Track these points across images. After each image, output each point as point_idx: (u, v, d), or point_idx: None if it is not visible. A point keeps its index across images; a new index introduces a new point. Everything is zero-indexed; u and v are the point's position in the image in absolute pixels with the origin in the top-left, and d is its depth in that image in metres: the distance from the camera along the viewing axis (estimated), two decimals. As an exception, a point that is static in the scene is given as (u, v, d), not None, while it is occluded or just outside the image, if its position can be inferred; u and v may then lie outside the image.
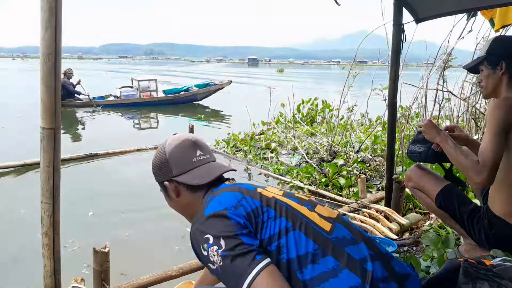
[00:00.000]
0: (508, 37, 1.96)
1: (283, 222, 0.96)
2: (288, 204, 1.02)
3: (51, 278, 1.35)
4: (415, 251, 2.18)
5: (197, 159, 1.11)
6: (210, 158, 1.14)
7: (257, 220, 0.95)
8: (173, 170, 1.10)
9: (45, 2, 1.14)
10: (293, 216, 0.98)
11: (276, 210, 0.98)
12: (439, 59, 3.98)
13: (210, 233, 0.91)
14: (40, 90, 1.20)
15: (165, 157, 1.11)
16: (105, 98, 10.86)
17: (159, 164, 1.12)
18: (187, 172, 1.09)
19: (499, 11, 2.59)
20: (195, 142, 1.13)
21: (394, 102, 2.53)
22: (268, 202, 1.00)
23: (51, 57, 1.17)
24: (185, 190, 1.10)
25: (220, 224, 0.92)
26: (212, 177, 1.07)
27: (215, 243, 0.89)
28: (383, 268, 0.95)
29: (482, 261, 1.16)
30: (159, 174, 1.13)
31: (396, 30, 2.37)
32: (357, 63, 5.40)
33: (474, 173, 1.47)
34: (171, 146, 1.12)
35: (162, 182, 1.13)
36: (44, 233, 1.30)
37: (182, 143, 1.12)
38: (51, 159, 1.25)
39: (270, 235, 0.94)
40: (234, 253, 0.87)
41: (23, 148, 5.14)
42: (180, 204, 1.13)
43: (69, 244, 2.61)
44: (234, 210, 0.94)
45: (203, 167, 1.11)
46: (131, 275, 1.99)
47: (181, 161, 1.10)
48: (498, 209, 1.60)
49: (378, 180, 3.83)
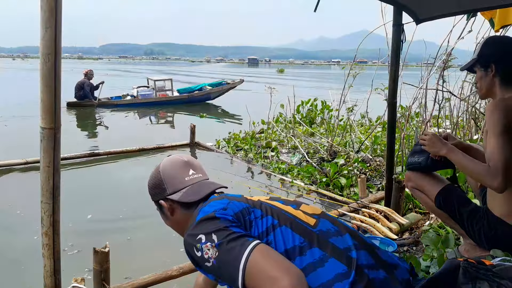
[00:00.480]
0: (499, 38, 1.94)
1: (269, 220, 1.02)
2: (273, 205, 1.08)
3: (51, 278, 1.35)
4: (415, 251, 2.18)
5: (189, 178, 1.17)
6: (202, 177, 1.21)
7: (245, 219, 1.01)
8: (167, 189, 1.16)
9: (45, 2, 1.14)
10: (279, 214, 1.05)
11: (262, 210, 1.05)
12: (439, 59, 3.98)
13: (201, 233, 0.96)
14: (40, 90, 1.20)
15: (160, 177, 1.18)
16: (122, 98, 11.10)
17: (154, 184, 1.19)
18: (180, 190, 1.15)
19: (499, 11, 2.59)
20: (188, 162, 1.20)
21: (394, 102, 2.53)
22: (254, 204, 1.07)
23: (51, 57, 1.17)
24: (179, 208, 1.16)
25: (210, 224, 0.97)
26: (204, 194, 1.13)
27: (208, 239, 0.94)
28: (369, 256, 1.00)
29: (482, 261, 1.16)
30: (154, 193, 1.20)
31: (396, 30, 2.37)
32: (357, 63, 5.40)
33: (489, 179, 1.46)
34: (165, 166, 1.19)
35: (157, 201, 1.19)
36: (44, 233, 1.30)
37: (175, 164, 1.19)
38: (51, 159, 1.25)
39: (258, 233, 0.99)
40: (227, 239, 0.92)
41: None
42: (174, 221, 1.19)
43: (69, 247, 2.61)
44: (222, 211, 1.00)
45: (196, 185, 1.17)
46: (132, 277, 1.99)
47: (174, 181, 1.16)
48: (498, 209, 1.60)
49: (378, 180, 3.84)
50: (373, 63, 5.94)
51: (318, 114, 7.63)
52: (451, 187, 1.78)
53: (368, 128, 6.16)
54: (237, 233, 0.94)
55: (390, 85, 2.51)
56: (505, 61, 1.61)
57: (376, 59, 5.33)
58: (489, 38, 1.78)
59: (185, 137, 5.88)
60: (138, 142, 5.64)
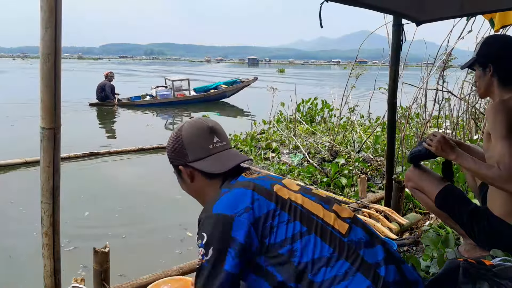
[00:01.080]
0: (498, 37, 1.94)
1: (297, 227, 0.95)
2: (303, 207, 1.00)
3: (51, 278, 1.34)
4: (415, 251, 2.18)
5: (213, 146, 1.09)
6: (226, 145, 1.12)
7: (265, 226, 0.94)
8: (189, 156, 1.08)
9: (45, 2, 1.14)
10: (308, 219, 0.97)
11: (290, 214, 0.97)
12: (439, 59, 3.98)
13: (206, 234, 0.93)
14: (40, 90, 1.19)
15: (181, 141, 1.09)
16: (142, 98, 11.38)
17: (174, 148, 1.11)
18: (203, 159, 1.07)
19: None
20: (212, 128, 1.11)
21: (394, 102, 2.53)
22: (282, 205, 0.98)
23: (51, 57, 1.17)
24: (200, 176, 1.09)
25: (220, 229, 0.92)
26: (228, 167, 1.06)
27: (205, 247, 0.93)
28: (396, 272, 0.95)
29: (482, 261, 1.17)
30: (173, 157, 1.12)
31: (396, 30, 2.37)
32: (358, 63, 5.40)
33: (502, 182, 1.46)
34: (188, 131, 1.09)
35: (176, 165, 1.12)
36: (44, 233, 1.30)
37: (199, 129, 1.09)
38: (51, 159, 1.24)
39: (281, 239, 0.93)
40: (211, 266, 0.92)
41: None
42: (193, 188, 1.13)
43: (65, 244, 2.61)
44: (243, 215, 0.94)
45: (220, 154, 1.08)
46: (130, 276, 1.99)
47: (197, 147, 1.08)
48: (498, 209, 1.60)
49: (379, 179, 3.84)
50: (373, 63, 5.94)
51: (318, 112, 7.64)
52: (451, 187, 1.78)
53: (367, 127, 6.16)
54: (224, 273, 0.90)
55: (390, 85, 2.51)
56: (503, 61, 1.61)
57: (376, 59, 5.35)
58: (489, 37, 1.78)
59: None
60: (156, 141, 5.74)
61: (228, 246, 0.91)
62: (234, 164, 1.07)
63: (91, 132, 7.61)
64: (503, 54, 1.62)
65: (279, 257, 0.93)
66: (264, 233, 0.94)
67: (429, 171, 1.89)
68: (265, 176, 1.09)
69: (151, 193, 3.88)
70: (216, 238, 0.92)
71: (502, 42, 1.70)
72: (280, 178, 1.12)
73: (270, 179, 1.07)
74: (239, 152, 1.16)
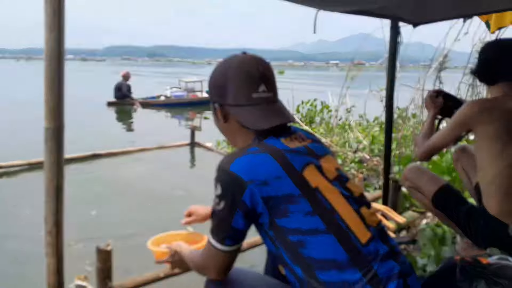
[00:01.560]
0: (488, 44, 1.90)
1: (316, 222, 0.88)
2: (329, 203, 0.91)
3: (55, 276, 1.36)
4: (412, 250, 2.21)
5: (258, 96, 0.96)
6: (272, 97, 0.99)
7: (279, 207, 0.88)
8: (227, 97, 0.98)
9: (49, 4, 1.16)
10: (331, 218, 0.90)
11: (312, 206, 0.89)
12: (435, 61, 4.02)
13: (220, 187, 0.91)
14: (44, 91, 1.22)
15: (224, 79, 0.98)
16: (156, 98, 11.70)
17: (216, 83, 1.01)
18: (242, 106, 0.96)
19: (495, 14, 2.62)
20: (262, 74, 0.98)
21: (391, 103, 2.56)
22: (307, 193, 0.89)
23: (55, 58, 1.20)
24: (235, 121, 0.99)
25: (232, 190, 0.89)
26: (265, 126, 0.94)
27: (218, 198, 0.92)
28: (402, 286, 0.91)
29: (478, 259, 1.17)
30: (212, 93, 1.03)
31: (393, 32, 2.40)
32: (355, 65, 5.44)
33: (417, 147, 1.83)
34: (235, 69, 0.98)
35: (213, 102, 1.03)
36: (48, 232, 1.32)
37: (249, 71, 0.97)
38: (55, 159, 1.26)
39: (294, 228, 0.88)
40: (219, 218, 0.92)
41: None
42: (225, 129, 1.05)
43: (73, 242, 2.62)
44: (257, 187, 0.87)
45: (261, 107, 0.96)
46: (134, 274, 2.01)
47: (239, 92, 0.96)
48: (493, 209, 1.62)
49: (375, 179, 3.87)
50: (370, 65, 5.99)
51: (317, 114, 7.67)
52: (448, 187, 1.80)
53: (365, 128, 6.19)
54: (229, 227, 0.91)
55: (387, 86, 2.54)
56: (479, 66, 1.71)
57: (374, 60, 5.38)
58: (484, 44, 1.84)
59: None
60: (171, 139, 5.89)
61: (237, 207, 0.89)
62: (272, 125, 0.94)
63: (115, 129, 8.13)
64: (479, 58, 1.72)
65: (287, 242, 0.90)
66: (275, 213, 0.89)
67: (426, 171, 1.91)
68: (304, 149, 0.97)
69: (155, 191, 3.90)
70: (228, 196, 0.90)
71: (483, 49, 1.76)
72: (320, 154, 0.99)
73: (307, 156, 0.96)
74: (284, 108, 1.02)
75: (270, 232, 0.93)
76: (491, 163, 1.58)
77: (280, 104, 1.02)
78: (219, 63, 1.03)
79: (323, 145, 1.05)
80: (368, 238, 0.92)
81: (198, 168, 5.16)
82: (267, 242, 0.98)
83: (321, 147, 1.03)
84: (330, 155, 1.03)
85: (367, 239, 0.91)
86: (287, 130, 1.01)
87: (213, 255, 0.96)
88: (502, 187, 1.58)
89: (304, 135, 1.03)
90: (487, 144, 1.60)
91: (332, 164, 1.00)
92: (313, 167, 0.94)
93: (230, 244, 0.94)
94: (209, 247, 0.96)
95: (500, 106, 1.57)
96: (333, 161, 1.02)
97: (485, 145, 1.61)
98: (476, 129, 1.63)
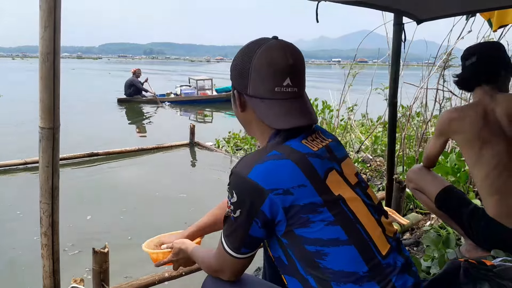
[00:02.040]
0: None
1: (337, 232, 0.84)
2: (352, 211, 0.87)
3: (50, 278, 1.34)
4: (416, 252, 2.18)
5: (281, 90, 0.88)
6: (297, 92, 0.91)
7: (301, 216, 0.83)
8: (248, 87, 0.90)
9: (44, 2, 1.13)
10: (353, 228, 0.86)
11: (335, 216, 0.85)
12: (439, 59, 3.97)
13: (236, 194, 0.85)
14: (39, 90, 1.19)
15: (247, 66, 0.90)
16: (166, 96, 11.87)
17: (239, 69, 0.93)
18: (262, 99, 0.89)
19: (497, 12, 2.59)
20: (291, 66, 0.89)
21: (394, 102, 2.52)
22: (330, 202, 0.85)
23: (50, 56, 1.17)
24: (253, 112, 0.93)
25: (250, 199, 0.83)
26: (288, 125, 0.88)
27: (233, 206, 0.86)
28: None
29: (482, 261, 1.16)
30: (234, 77, 0.96)
31: (397, 29, 2.36)
32: (357, 63, 5.40)
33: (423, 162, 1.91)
34: (261, 58, 0.89)
35: (233, 87, 0.97)
36: (43, 234, 1.30)
37: (276, 62, 0.88)
38: (50, 159, 1.24)
39: (314, 238, 0.84)
40: (235, 226, 0.88)
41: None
42: (242, 117, 0.99)
43: (69, 247, 2.60)
44: (279, 196, 0.82)
45: (283, 103, 0.89)
46: (132, 276, 1.99)
47: (261, 84, 0.89)
48: (491, 210, 1.62)
49: (378, 180, 3.83)
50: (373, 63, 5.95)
51: (319, 114, 7.62)
52: (451, 188, 1.78)
53: (368, 128, 6.15)
54: (246, 234, 0.87)
55: (390, 84, 2.51)
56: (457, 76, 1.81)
57: (376, 58, 5.33)
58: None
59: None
60: (182, 137, 5.94)
61: (255, 216, 0.85)
62: (291, 126, 0.87)
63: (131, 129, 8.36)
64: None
65: (304, 251, 0.85)
66: (295, 222, 0.84)
67: (429, 172, 1.89)
68: (325, 151, 0.91)
69: (155, 193, 3.88)
70: (246, 205, 0.84)
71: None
72: (340, 157, 0.95)
73: (328, 160, 0.90)
74: (308, 106, 0.93)
75: (284, 240, 0.88)
76: (474, 167, 1.63)
77: (305, 101, 0.93)
78: (246, 45, 0.95)
79: (341, 145, 1.01)
80: (387, 250, 0.88)
81: (198, 168, 5.15)
82: (275, 249, 0.93)
83: (341, 148, 0.99)
84: (348, 158, 0.99)
85: (386, 250, 0.88)
86: (308, 128, 0.94)
87: (228, 260, 0.93)
88: (493, 189, 1.58)
89: (324, 135, 0.99)
90: (465, 151, 1.66)
91: (351, 168, 0.97)
92: (335, 172, 0.90)
93: (246, 252, 0.91)
94: (223, 252, 0.93)
95: (471, 113, 1.62)
96: (352, 165, 0.99)
97: (464, 151, 1.67)
98: (452, 137, 1.74)
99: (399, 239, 0.97)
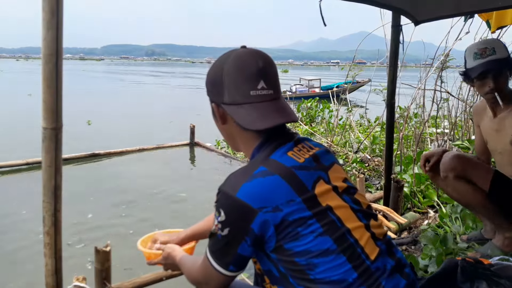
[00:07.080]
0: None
1: (327, 243, 0.84)
2: (340, 220, 0.87)
3: (53, 277, 1.35)
4: (414, 250, 2.20)
5: (256, 93, 0.88)
6: (273, 95, 0.90)
7: (290, 230, 0.84)
8: (224, 96, 0.90)
9: (46, 3, 1.15)
10: (342, 238, 0.86)
11: (323, 226, 0.85)
12: (437, 60, 4.00)
13: (225, 213, 0.84)
14: (42, 91, 1.20)
15: (220, 75, 0.90)
16: (283, 93, 12.65)
17: (212, 80, 0.93)
18: (239, 105, 0.88)
19: (495, 13, 2.61)
20: (262, 70, 0.89)
21: (392, 103, 2.55)
22: (318, 214, 0.85)
23: (52, 57, 1.18)
24: (233, 122, 0.92)
25: (239, 218, 0.83)
26: (267, 125, 0.86)
27: (221, 223, 0.86)
28: None
29: (480, 260, 1.17)
30: (210, 90, 0.95)
31: (395, 31, 2.38)
32: (356, 64, 5.42)
33: None
34: (232, 65, 0.89)
35: (210, 100, 0.97)
36: (45, 233, 1.31)
37: (246, 68, 0.88)
38: (53, 159, 1.25)
39: (303, 250, 0.84)
40: (223, 243, 0.87)
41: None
42: (224, 131, 0.99)
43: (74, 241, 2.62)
44: (268, 214, 0.82)
45: (260, 105, 0.88)
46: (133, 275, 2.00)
47: (236, 89, 0.88)
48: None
49: (377, 179, 3.85)
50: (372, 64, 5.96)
51: (318, 113, 7.65)
52: (499, 173, 1.63)
53: (367, 128, 6.17)
54: (235, 251, 0.86)
55: (388, 85, 2.53)
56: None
57: (375, 60, 5.36)
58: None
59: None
60: None
61: (245, 235, 0.84)
62: (271, 125, 0.86)
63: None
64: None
65: (294, 264, 0.85)
66: (284, 237, 0.84)
67: (469, 157, 1.75)
68: (312, 161, 0.91)
69: (155, 192, 3.89)
70: (234, 224, 0.84)
71: None
72: (327, 165, 0.95)
73: (315, 170, 0.90)
74: (286, 106, 0.92)
75: (273, 255, 0.88)
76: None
77: (282, 102, 0.93)
78: (217, 58, 0.96)
79: (329, 153, 1.01)
80: (376, 254, 0.88)
81: (197, 168, 5.16)
82: (264, 263, 0.92)
83: (329, 156, 0.99)
84: (336, 164, 0.99)
85: (375, 254, 0.88)
86: (291, 137, 0.95)
87: (215, 276, 0.91)
88: None
89: (311, 144, 0.98)
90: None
91: (339, 174, 0.96)
92: (323, 182, 0.90)
93: (234, 270, 0.90)
94: (209, 267, 0.91)
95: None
96: (340, 171, 0.98)
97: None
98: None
99: (390, 241, 0.96)
